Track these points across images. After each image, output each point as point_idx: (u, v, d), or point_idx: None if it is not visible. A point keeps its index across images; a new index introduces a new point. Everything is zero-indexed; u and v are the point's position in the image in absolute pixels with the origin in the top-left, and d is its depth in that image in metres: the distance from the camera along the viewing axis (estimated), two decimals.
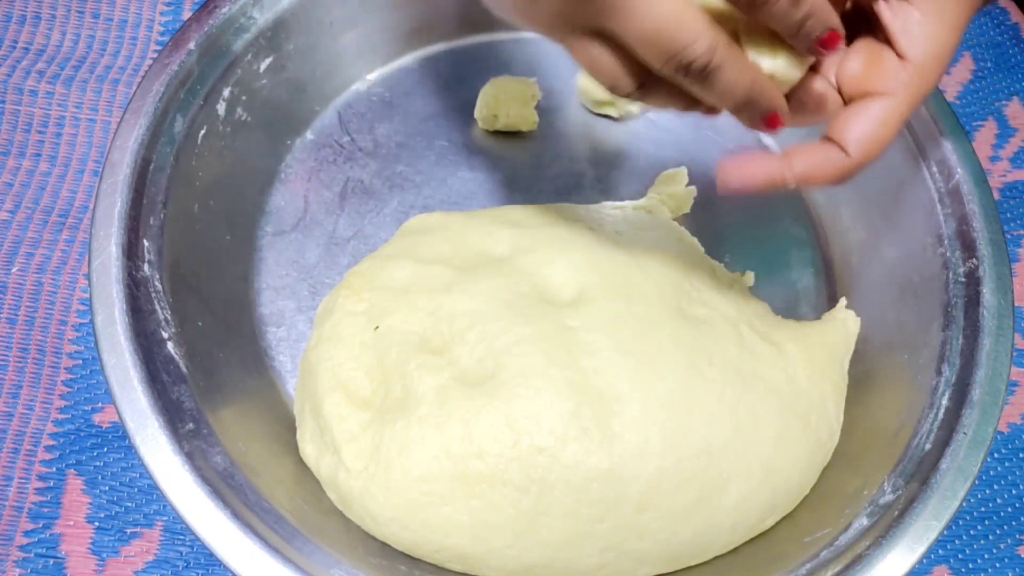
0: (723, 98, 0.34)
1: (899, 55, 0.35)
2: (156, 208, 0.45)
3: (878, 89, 0.35)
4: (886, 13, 0.35)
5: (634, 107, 0.56)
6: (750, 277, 0.51)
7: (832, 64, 0.37)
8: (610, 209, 0.51)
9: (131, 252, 0.43)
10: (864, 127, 0.35)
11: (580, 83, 0.56)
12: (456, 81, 0.57)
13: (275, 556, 0.38)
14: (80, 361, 0.51)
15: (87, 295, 0.44)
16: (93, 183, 0.55)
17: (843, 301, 0.50)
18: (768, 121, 0.35)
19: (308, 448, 0.44)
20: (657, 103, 0.36)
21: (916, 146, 0.48)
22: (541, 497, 0.39)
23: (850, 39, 0.36)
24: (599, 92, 0.56)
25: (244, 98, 0.50)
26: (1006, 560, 0.49)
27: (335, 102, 0.56)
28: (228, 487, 0.40)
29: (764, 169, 0.36)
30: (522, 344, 0.41)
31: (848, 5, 0.37)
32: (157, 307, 0.43)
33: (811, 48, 0.34)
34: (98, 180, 0.44)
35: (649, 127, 0.57)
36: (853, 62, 0.36)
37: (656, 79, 0.34)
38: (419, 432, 0.40)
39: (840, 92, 0.37)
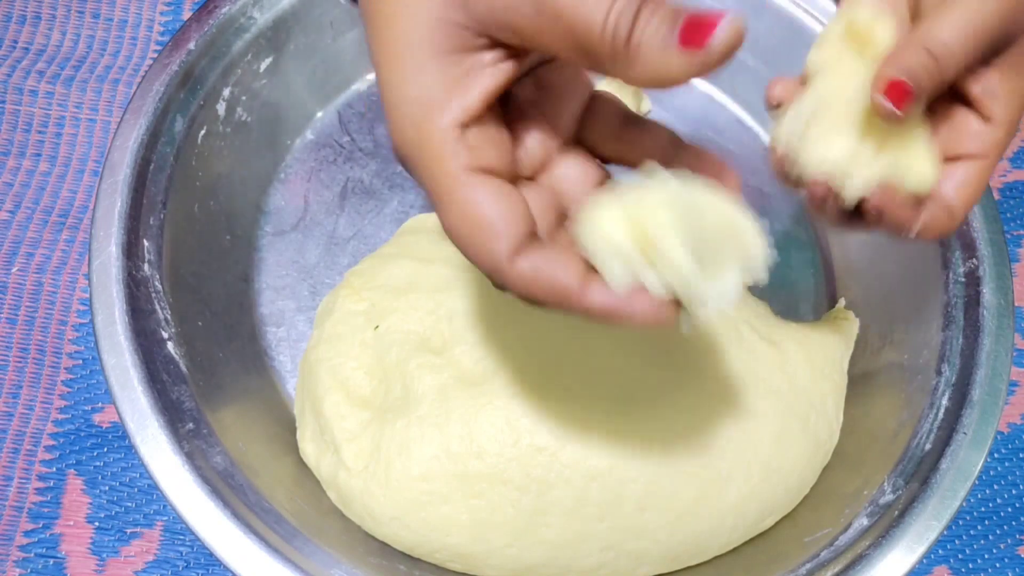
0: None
1: (984, 117, 0.35)
2: (156, 208, 0.45)
3: (969, 152, 0.35)
4: (968, 81, 0.35)
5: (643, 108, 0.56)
6: None
7: None
8: None
9: (131, 252, 0.43)
10: (966, 191, 0.35)
11: None
12: None
13: (275, 556, 0.38)
14: (80, 361, 0.51)
15: (87, 295, 0.44)
16: (93, 183, 0.55)
17: (842, 301, 0.50)
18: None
19: (308, 447, 0.44)
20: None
21: None
22: (541, 496, 0.39)
23: (930, 103, 0.36)
24: None
25: (244, 98, 0.50)
26: (1006, 560, 0.49)
27: (335, 102, 0.56)
28: (228, 487, 0.40)
29: (902, 214, 0.35)
30: (522, 343, 0.41)
31: None
32: (157, 307, 0.43)
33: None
34: (98, 180, 0.44)
35: None
36: (940, 130, 0.36)
37: None
38: (419, 431, 0.40)
39: None
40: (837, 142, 0.34)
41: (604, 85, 0.55)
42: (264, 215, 0.53)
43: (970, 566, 0.49)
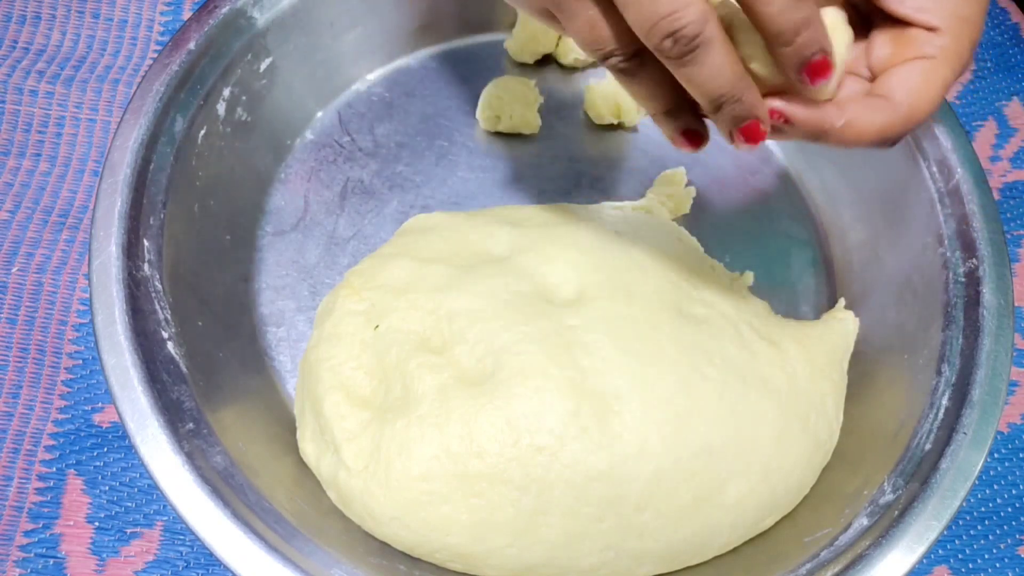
0: (705, 86, 0.32)
1: (929, 30, 0.34)
2: (156, 208, 0.45)
3: (915, 56, 0.34)
4: (892, 1, 0.34)
5: (637, 118, 0.56)
6: (749, 277, 0.51)
7: (859, 61, 0.37)
8: (609, 209, 0.51)
9: (131, 252, 0.43)
10: (909, 80, 0.34)
11: (587, 98, 0.56)
12: (456, 81, 0.57)
13: (275, 556, 0.38)
14: (80, 361, 0.51)
15: (87, 295, 0.44)
16: (93, 183, 0.55)
17: (842, 301, 0.50)
18: (747, 132, 0.33)
19: (308, 447, 0.44)
20: (641, 91, 0.34)
21: (916, 146, 0.48)
22: (541, 496, 0.39)
23: (865, 32, 0.36)
24: (605, 110, 0.55)
25: (244, 98, 0.50)
26: (1006, 560, 0.49)
27: (335, 102, 0.56)
28: (228, 487, 0.40)
29: (813, 113, 0.33)
30: (522, 343, 0.41)
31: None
32: (157, 307, 0.43)
33: (799, 72, 0.32)
34: (98, 180, 0.44)
35: (649, 128, 0.57)
36: (881, 47, 0.35)
37: (647, 56, 0.32)
38: (419, 431, 0.40)
39: (874, 79, 0.36)
40: None
41: (604, 86, 0.56)
42: (264, 215, 0.53)
43: (970, 566, 0.49)
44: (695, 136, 0.35)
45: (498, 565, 0.40)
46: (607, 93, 0.55)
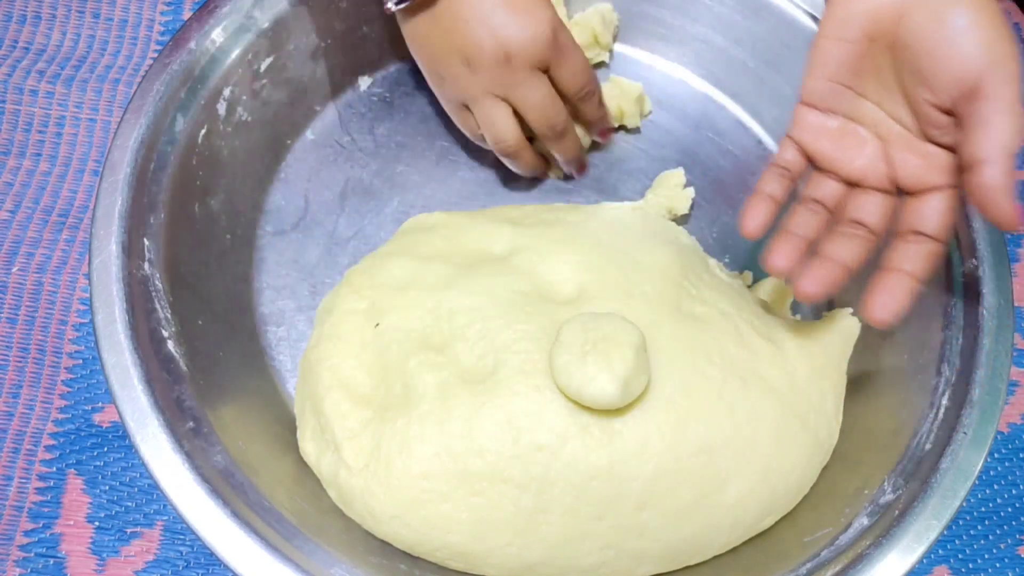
0: (567, 151, 0.52)
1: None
2: (156, 207, 0.45)
3: (938, 183, 0.39)
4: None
5: (639, 120, 0.56)
6: (748, 277, 0.51)
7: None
8: (609, 209, 0.51)
9: (131, 251, 0.43)
10: (945, 218, 0.39)
11: None
12: None
13: (275, 555, 0.38)
14: (80, 361, 0.51)
15: (87, 295, 0.44)
16: (93, 183, 0.55)
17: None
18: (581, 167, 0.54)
19: (308, 446, 0.44)
20: (524, 162, 0.52)
21: None
22: (541, 495, 0.39)
23: None
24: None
25: (244, 98, 0.50)
26: (1006, 560, 0.49)
27: (335, 102, 0.56)
28: (228, 486, 0.40)
29: (906, 291, 0.39)
30: (522, 342, 0.41)
31: None
32: (157, 306, 0.43)
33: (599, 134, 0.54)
34: (98, 180, 0.44)
35: (648, 128, 0.57)
36: (913, 159, 0.40)
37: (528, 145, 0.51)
38: (420, 430, 0.40)
39: (899, 186, 0.41)
40: None
41: (607, 88, 0.56)
42: (264, 215, 0.53)
43: (970, 566, 0.49)
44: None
45: (498, 564, 0.40)
46: (608, 96, 0.55)
